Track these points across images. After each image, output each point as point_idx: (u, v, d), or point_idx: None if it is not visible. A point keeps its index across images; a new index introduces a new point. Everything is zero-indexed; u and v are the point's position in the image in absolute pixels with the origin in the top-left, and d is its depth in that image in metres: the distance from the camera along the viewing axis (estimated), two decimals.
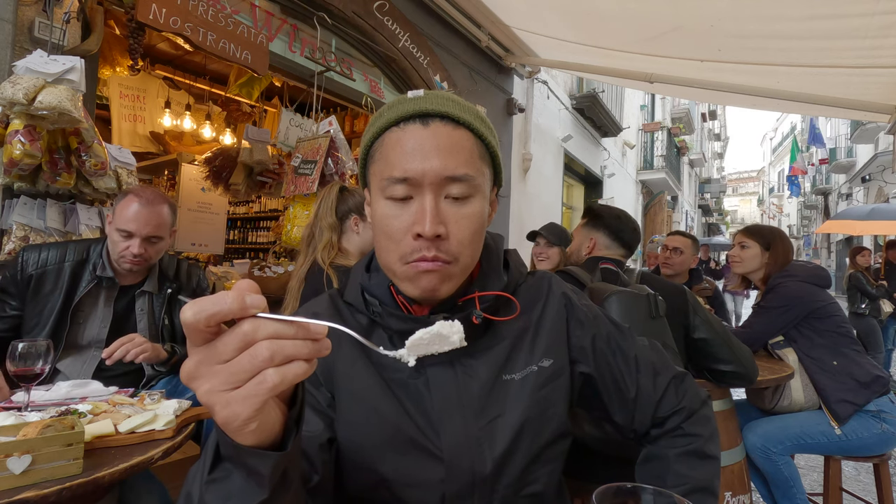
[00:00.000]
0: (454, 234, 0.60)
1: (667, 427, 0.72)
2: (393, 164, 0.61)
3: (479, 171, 0.62)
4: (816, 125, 17.02)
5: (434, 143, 0.60)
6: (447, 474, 0.63)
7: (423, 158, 0.59)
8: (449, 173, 0.59)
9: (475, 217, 0.62)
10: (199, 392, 0.36)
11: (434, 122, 0.61)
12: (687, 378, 0.76)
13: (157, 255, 1.53)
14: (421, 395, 0.65)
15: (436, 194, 0.60)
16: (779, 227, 2.31)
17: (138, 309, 1.55)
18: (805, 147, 22.24)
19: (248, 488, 0.40)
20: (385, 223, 0.62)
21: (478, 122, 0.64)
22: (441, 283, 0.61)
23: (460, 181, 0.60)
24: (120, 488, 1.08)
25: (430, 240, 0.58)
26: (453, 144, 0.61)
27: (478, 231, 0.63)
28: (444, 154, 0.60)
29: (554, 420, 0.68)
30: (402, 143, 0.61)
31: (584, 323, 0.73)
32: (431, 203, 0.59)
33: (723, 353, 1.47)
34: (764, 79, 3.45)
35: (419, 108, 0.61)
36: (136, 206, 1.44)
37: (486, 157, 0.65)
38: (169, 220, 1.52)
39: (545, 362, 0.69)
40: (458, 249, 0.61)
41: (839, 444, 1.75)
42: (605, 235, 1.64)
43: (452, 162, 0.60)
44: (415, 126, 0.61)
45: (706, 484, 0.68)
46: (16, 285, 1.42)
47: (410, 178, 0.59)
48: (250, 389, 0.35)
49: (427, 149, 0.60)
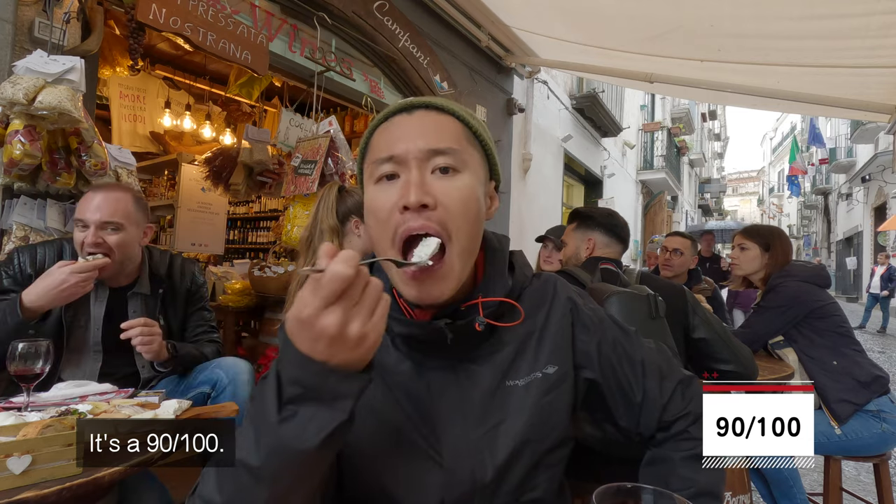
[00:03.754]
0: (443, 205, 0.59)
1: (672, 431, 0.72)
2: (378, 148, 0.63)
3: (465, 148, 0.63)
4: (816, 125, 17.03)
5: (419, 124, 0.62)
6: (447, 480, 0.62)
7: (407, 138, 0.61)
8: (432, 146, 0.60)
9: (466, 190, 0.61)
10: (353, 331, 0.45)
11: (418, 111, 0.64)
12: (693, 382, 0.75)
13: (122, 249, 1.41)
14: (422, 399, 0.64)
15: (421, 168, 0.60)
16: (778, 227, 2.30)
17: (131, 311, 1.50)
18: (805, 147, 22.24)
19: (330, 414, 0.47)
20: (374, 206, 0.62)
21: (465, 113, 0.65)
22: (443, 278, 0.60)
23: (445, 153, 0.60)
24: (120, 488, 1.08)
25: (417, 210, 0.58)
26: (437, 125, 0.62)
27: (472, 208, 0.62)
28: (428, 132, 0.61)
29: (557, 427, 0.67)
30: (388, 131, 0.63)
31: (589, 328, 0.71)
32: (416, 175, 0.59)
33: (723, 352, 1.47)
34: (764, 79, 3.45)
35: (404, 104, 0.64)
36: (91, 195, 1.40)
37: (473, 141, 0.65)
38: (130, 209, 1.43)
39: (550, 369, 0.67)
40: (450, 221, 0.59)
41: (839, 443, 1.75)
42: (602, 234, 1.65)
43: (435, 137, 0.61)
44: (400, 117, 0.64)
45: (711, 488, 0.68)
46: (20, 285, 1.38)
47: (395, 156, 0.60)
48: (382, 311, 0.47)
49: (410, 130, 0.62)
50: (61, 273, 1.27)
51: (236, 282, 3.40)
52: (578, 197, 9.27)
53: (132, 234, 1.45)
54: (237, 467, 0.48)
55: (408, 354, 0.66)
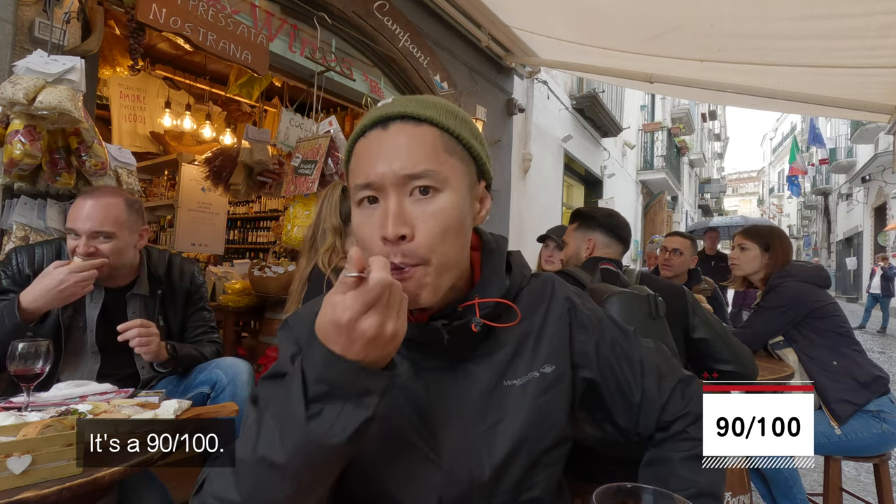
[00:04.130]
0: (421, 234, 0.58)
1: (672, 431, 0.72)
2: (359, 171, 0.61)
3: (444, 165, 0.60)
4: (816, 125, 17.03)
5: (392, 144, 0.60)
6: (445, 480, 0.62)
7: (383, 161, 0.59)
8: (407, 171, 0.58)
9: (444, 213, 0.59)
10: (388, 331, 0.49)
11: (393, 125, 0.61)
12: (693, 382, 0.75)
13: (116, 256, 1.39)
14: (420, 399, 0.65)
15: (398, 195, 0.59)
16: (778, 226, 2.29)
17: (129, 312, 1.49)
18: (805, 147, 22.24)
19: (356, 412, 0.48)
20: (358, 232, 0.62)
21: (444, 115, 0.62)
22: (417, 289, 0.59)
23: (421, 177, 0.59)
24: (120, 488, 1.08)
25: (395, 243, 0.57)
26: (412, 142, 0.60)
27: (452, 228, 0.60)
28: (403, 153, 0.59)
29: (555, 426, 0.67)
30: (366, 151, 0.62)
31: (587, 328, 0.71)
32: (394, 204, 0.58)
33: (723, 353, 1.47)
34: (764, 79, 3.45)
35: (380, 115, 0.62)
36: (81, 203, 1.36)
37: (456, 149, 0.63)
38: (122, 215, 1.38)
39: (547, 368, 0.68)
40: (427, 251, 0.58)
41: (839, 444, 1.75)
42: (603, 234, 1.64)
43: (411, 160, 0.59)
44: (376, 132, 0.61)
45: (711, 488, 0.67)
46: (18, 285, 1.37)
47: (372, 183, 0.59)
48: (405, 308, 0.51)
49: (386, 151, 0.60)
50: (59, 273, 1.25)
51: (236, 282, 3.40)
52: (578, 197, 9.28)
53: (125, 241, 1.41)
54: (259, 464, 0.49)
55: (406, 355, 0.66)
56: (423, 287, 0.59)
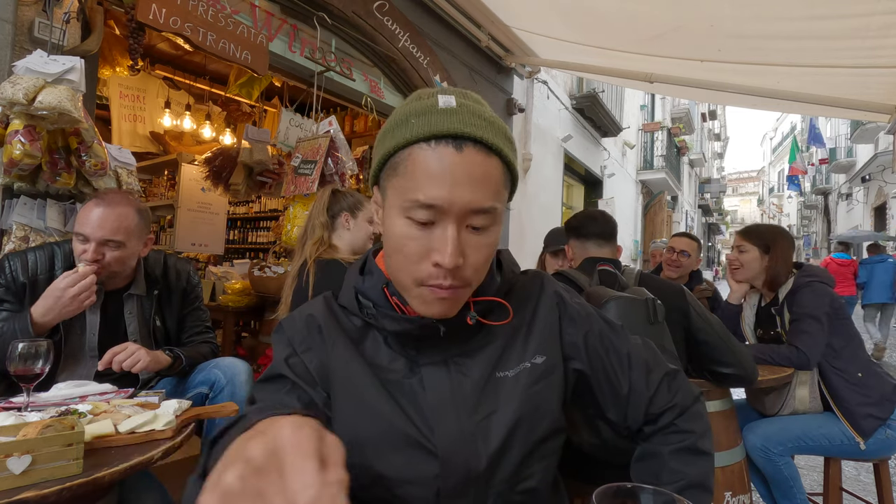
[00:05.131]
0: (471, 263, 0.60)
1: (660, 424, 0.73)
2: (419, 186, 0.57)
3: (502, 201, 0.62)
4: (816, 125, 17.02)
5: (466, 171, 0.57)
6: (442, 470, 0.64)
7: (453, 187, 0.57)
8: (476, 206, 0.58)
9: (493, 245, 0.63)
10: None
11: (468, 148, 0.58)
12: (679, 375, 0.77)
13: (120, 264, 1.41)
14: (415, 393, 0.66)
15: (460, 224, 0.59)
16: (778, 225, 2.15)
17: (127, 313, 1.49)
18: (805, 147, 22.24)
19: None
20: (402, 243, 0.60)
21: (507, 146, 0.62)
22: (453, 307, 0.63)
23: (485, 213, 0.59)
24: (120, 488, 1.08)
25: (449, 269, 0.58)
26: (484, 174, 0.59)
27: (491, 256, 0.64)
28: (475, 185, 0.58)
29: (548, 416, 0.69)
30: (432, 167, 0.57)
31: (576, 320, 0.74)
32: (454, 233, 0.58)
33: (723, 355, 1.46)
34: (764, 79, 3.45)
35: (454, 129, 0.57)
36: (93, 208, 1.37)
37: (509, 181, 0.64)
38: (132, 225, 1.40)
39: (538, 359, 0.70)
40: (473, 276, 0.62)
41: (841, 447, 1.73)
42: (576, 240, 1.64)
43: (481, 194, 0.58)
44: (447, 149, 0.57)
45: (701, 480, 0.69)
46: (13, 294, 1.37)
47: (437, 206, 0.57)
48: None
49: (458, 177, 0.57)
50: (56, 291, 1.28)
51: (236, 282, 3.41)
52: (578, 197, 9.27)
53: (133, 249, 1.44)
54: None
55: (401, 352, 0.68)
56: (458, 303, 0.63)
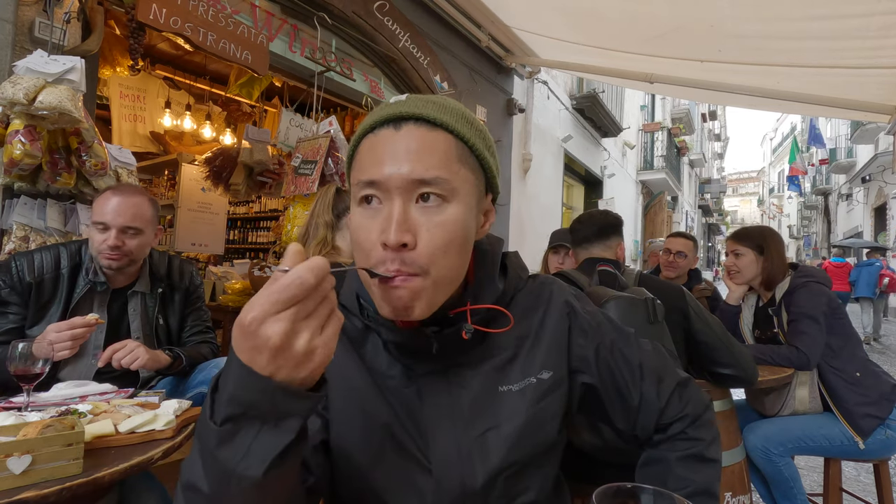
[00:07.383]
0: (424, 244, 0.55)
1: (670, 433, 0.71)
2: (362, 168, 0.58)
3: (455, 174, 0.57)
4: (816, 125, 17.03)
5: (404, 145, 0.56)
6: (436, 486, 0.61)
7: (391, 162, 0.55)
8: (417, 176, 0.55)
9: (450, 224, 0.56)
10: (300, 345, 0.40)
11: (407, 125, 0.57)
12: (690, 383, 0.75)
13: (139, 251, 1.46)
14: (412, 403, 0.64)
15: (405, 200, 0.55)
16: (767, 226, 2.16)
17: (130, 310, 1.51)
18: (805, 147, 22.23)
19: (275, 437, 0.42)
20: (356, 233, 0.58)
21: (460, 123, 0.59)
22: (411, 301, 0.55)
23: (431, 184, 0.55)
24: (120, 488, 1.08)
25: (396, 250, 0.54)
26: (425, 146, 0.56)
27: (456, 241, 0.57)
28: (414, 156, 0.56)
29: (550, 430, 0.67)
30: (374, 148, 0.58)
31: (587, 332, 0.70)
32: (399, 209, 0.55)
33: (722, 356, 1.46)
34: (764, 79, 3.45)
35: (393, 113, 0.58)
36: (111, 197, 1.42)
37: (468, 159, 0.59)
38: (148, 213, 1.47)
39: (544, 374, 0.66)
40: (427, 261, 0.55)
41: (841, 447, 1.73)
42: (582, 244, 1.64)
43: (422, 164, 0.55)
44: (387, 130, 0.58)
45: (707, 487, 0.68)
46: (18, 294, 1.38)
47: (377, 182, 0.56)
48: (334, 329, 0.43)
49: (396, 152, 0.56)
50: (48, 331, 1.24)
51: (236, 282, 3.41)
52: (578, 197, 9.27)
53: (149, 238, 1.49)
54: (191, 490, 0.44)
55: (399, 359, 0.65)
56: (418, 299, 0.55)
